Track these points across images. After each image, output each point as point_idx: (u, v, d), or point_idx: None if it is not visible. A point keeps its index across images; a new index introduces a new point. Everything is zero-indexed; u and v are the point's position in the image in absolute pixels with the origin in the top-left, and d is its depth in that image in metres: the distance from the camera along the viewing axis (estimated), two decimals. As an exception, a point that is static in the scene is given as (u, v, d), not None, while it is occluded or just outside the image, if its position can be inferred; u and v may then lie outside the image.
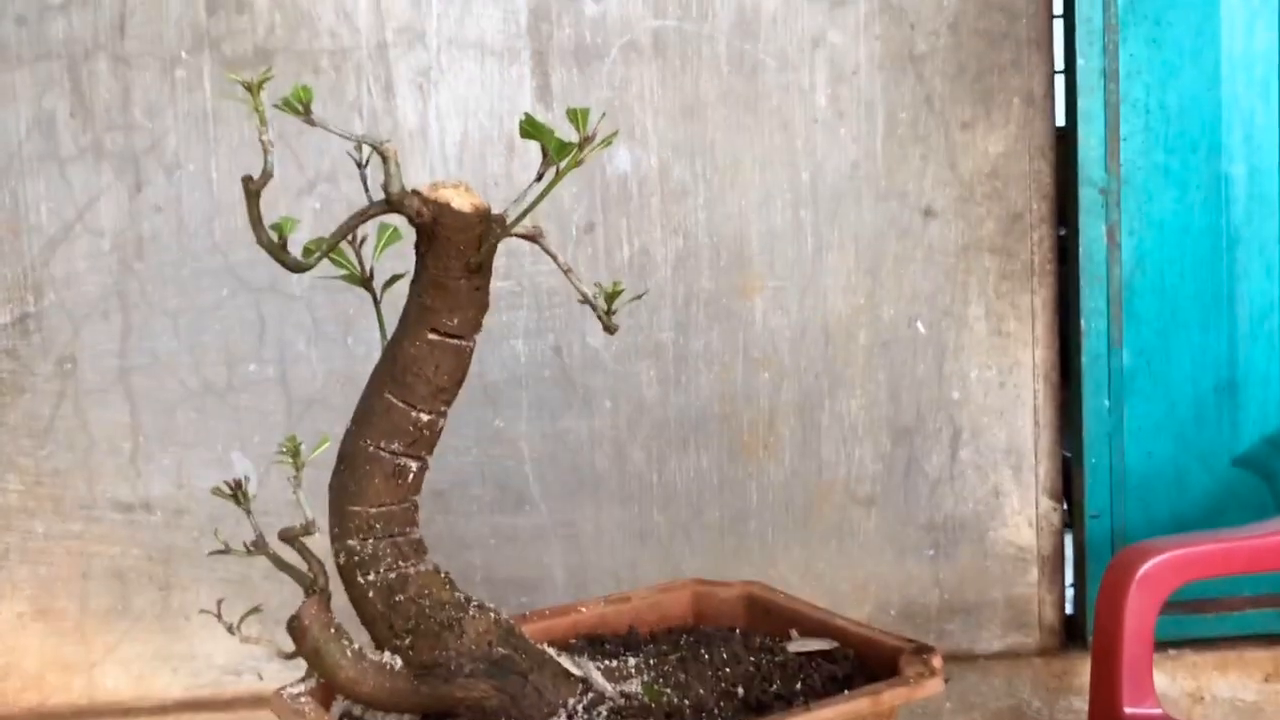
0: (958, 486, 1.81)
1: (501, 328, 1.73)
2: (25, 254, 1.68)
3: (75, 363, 1.70)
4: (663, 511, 1.78)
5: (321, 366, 1.72)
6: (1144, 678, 1.46)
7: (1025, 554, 1.83)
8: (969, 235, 1.78)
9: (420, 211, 0.67)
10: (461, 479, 1.75)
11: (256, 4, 1.67)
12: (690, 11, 1.71)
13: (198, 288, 1.70)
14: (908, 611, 1.82)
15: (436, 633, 0.73)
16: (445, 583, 0.78)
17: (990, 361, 1.80)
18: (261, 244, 0.69)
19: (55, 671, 1.75)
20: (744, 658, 0.91)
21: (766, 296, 1.77)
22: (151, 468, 1.72)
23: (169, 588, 1.74)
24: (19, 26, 1.65)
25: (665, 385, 1.76)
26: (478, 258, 0.68)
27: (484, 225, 0.67)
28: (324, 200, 1.70)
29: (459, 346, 0.72)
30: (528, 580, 1.78)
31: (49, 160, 1.67)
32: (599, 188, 1.73)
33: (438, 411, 0.74)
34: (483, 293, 0.71)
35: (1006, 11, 1.74)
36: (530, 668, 0.75)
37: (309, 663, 0.78)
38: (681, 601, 1.08)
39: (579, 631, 1.03)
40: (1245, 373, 1.82)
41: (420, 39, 1.69)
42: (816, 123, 1.74)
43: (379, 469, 0.75)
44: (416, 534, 0.79)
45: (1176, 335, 1.80)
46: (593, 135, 0.64)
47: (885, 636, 0.98)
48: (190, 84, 1.67)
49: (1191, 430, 1.81)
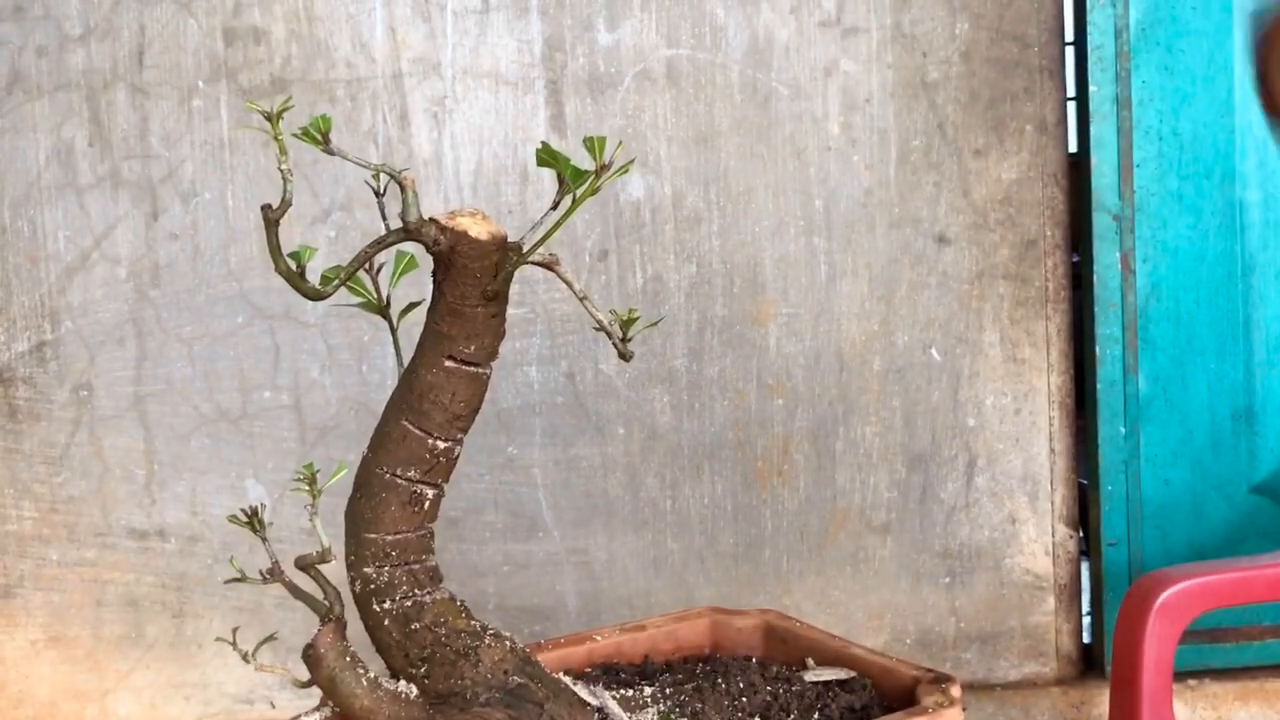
0: (973, 514, 1.80)
1: (515, 354, 1.73)
2: (43, 282, 1.70)
3: (91, 390, 1.71)
4: (676, 539, 1.78)
5: (335, 393, 1.73)
6: (1164, 708, 1.45)
7: (1042, 582, 1.81)
8: (983, 262, 1.78)
9: (438, 240, 0.67)
10: (474, 506, 1.75)
11: (273, 35, 1.68)
12: (703, 41, 1.72)
13: (213, 315, 1.71)
14: (924, 640, 1.80)
15: (452, 661, 0.72)
16: (461, 611, 0.78)
17: (1005, 388, 1.79)
18: (280, 272, 0.69)
19: (68, 699, 1.75)
20: (761, 687, 0.91)
21: (780, 323, 1.77)
22: (166, 495, 1.72)
23: (182, 615, 1.74)
24: (39, 58, 1.67)
25: (679, 412, 1.76)
26: (495, 285, 0.68)
27: (501, 253, 0.67)
28: (339, 229, 1.71)
29: (476, 374, 0.72)
30: (541, 608, 1.77)
31: (67, 189, 1.69)
32: (612, 215, 1.73)
33: (454, 439, 0.74)
34: (499, 320, 0.71)
35: (1018, 40, 1.75)
36: (546, 697, 0.74)
37: (324, 691, 0.77)
38: (698, 630, 1.07)
39: (594, 660, 1.02)
40: (1263, 400, 1.81)
41: (435, 69, 1.70)
42: (829, 150, 1.75)
43: (395, 496, 0.75)
44: (432, 561, 0.79)
45: (1192, 362, 1.79)
46: (609, 163, 0.64)
47: (903, 665, 0.97)
48: (207, 113, 1.69)
49: (1209, 458, 1.80)
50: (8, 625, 1.73)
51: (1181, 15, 1.75)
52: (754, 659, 1.01)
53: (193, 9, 1.67)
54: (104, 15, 1.66)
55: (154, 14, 1.67)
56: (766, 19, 1.72)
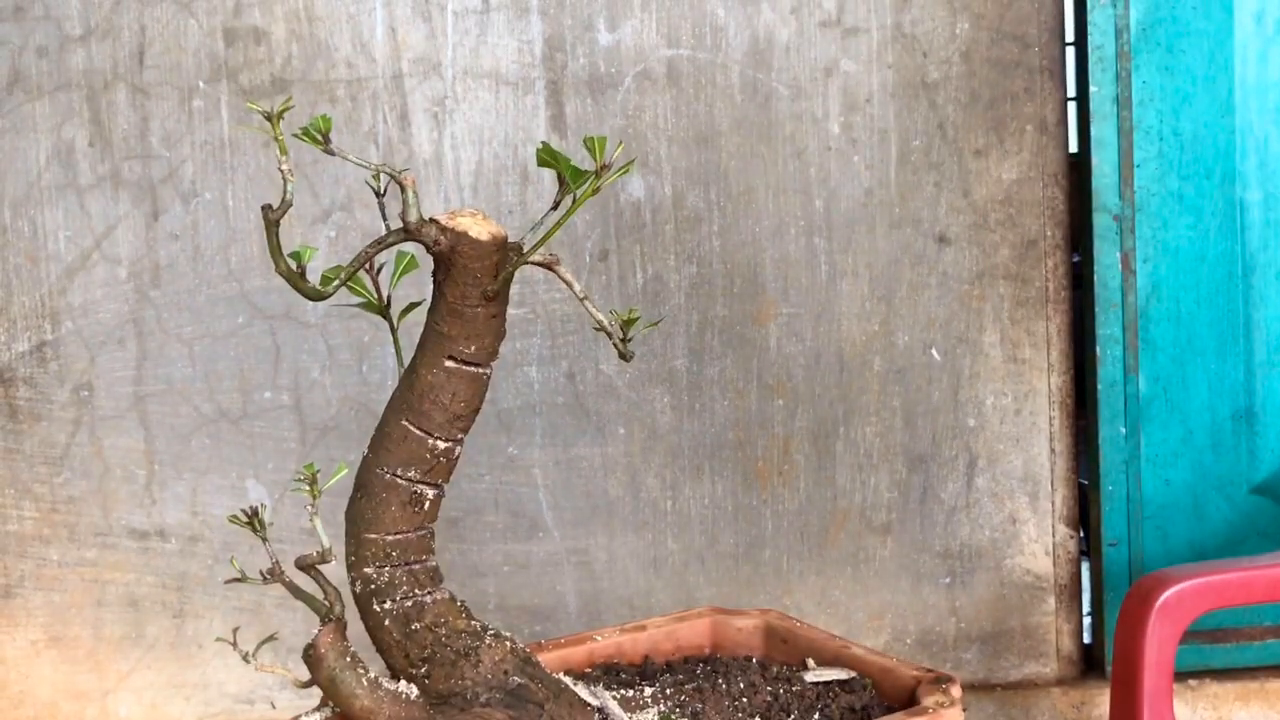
0: (974, 514, 1.80)
1: (515, 354, 1.73)
2: (44, 282, 1.70)
3: (91, 390, 1.71)
4: (676, 539, 1.78)
5: (336, 394, 1.73)
6: (1164, 708, 1.45)
7: (1042, 582, 1.81)
8: (983, 262, 1.78)
9: (438, 240, 0.67)
10: (475, 506, 1.75)
11: (274, 35, 1.68)
12: (704, 41, 1.72)
13: (213, 315, 1.71)
14: (924, 640, 1.81)
15: (453, 661, 0.72)
16: (461, 611, 0.78)
17: (1006, 389, 1.79)
18: (281, 273, 0.69)
19: (68, 699, 1.75)
20: (761, 687, 0.91)
21: (780, 323, 1.77)
22: (166, 495, 1.72)
23: (183, 615, 1.74)
24: (39, 58, 1.67)
25: (679, 412, 1.76)
26: (495, 285, 0.68)
27: (501, 253, 0.67)
28: (339, 229, 1.71)
29: (476, 374, 0.72)
30: (541, 608, 1.77)
31: (68, 189, 1.69)
32: (613, 215, 1.73)
33: (454, 439, 0.74)
34: (499, 320, 0.71)
35: (1019, 40, 1.75)
36: (546, 697, 0.74)
37: (324, 691, 0.77)
38: (699, 630, 1.07)
39: (595, 660, 1.02)
40: (1263, 400, 1.81)
41: (436, 69, 1.70)
42: (830, 150, 1.75)
43: (395, 496, 0.75)
44: (432, 562, 0.79)
45: (1193, 362, 1.79)
46: (609, 164, 0.64)
47: (903, 666, 0.97)
48: (208, 113, 1.69)
49: (1209, 458, 1.80)
50: (8, 625, 1.73)
51: (1182, 15, 1.75)
52: (754, 659, 1.01)
53: (193, 9, 1.67)
54: (104, 15, 1.66)
55: (154, 14, 1.67)
56: (767, 19, 1.72)
